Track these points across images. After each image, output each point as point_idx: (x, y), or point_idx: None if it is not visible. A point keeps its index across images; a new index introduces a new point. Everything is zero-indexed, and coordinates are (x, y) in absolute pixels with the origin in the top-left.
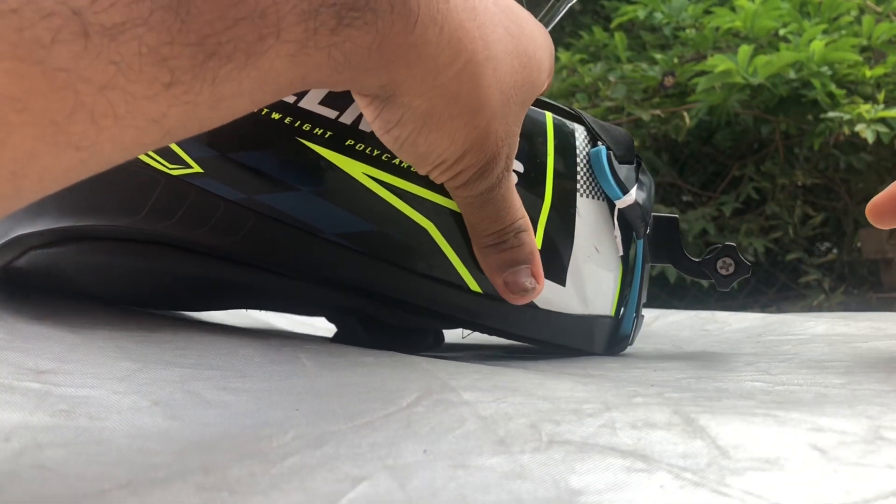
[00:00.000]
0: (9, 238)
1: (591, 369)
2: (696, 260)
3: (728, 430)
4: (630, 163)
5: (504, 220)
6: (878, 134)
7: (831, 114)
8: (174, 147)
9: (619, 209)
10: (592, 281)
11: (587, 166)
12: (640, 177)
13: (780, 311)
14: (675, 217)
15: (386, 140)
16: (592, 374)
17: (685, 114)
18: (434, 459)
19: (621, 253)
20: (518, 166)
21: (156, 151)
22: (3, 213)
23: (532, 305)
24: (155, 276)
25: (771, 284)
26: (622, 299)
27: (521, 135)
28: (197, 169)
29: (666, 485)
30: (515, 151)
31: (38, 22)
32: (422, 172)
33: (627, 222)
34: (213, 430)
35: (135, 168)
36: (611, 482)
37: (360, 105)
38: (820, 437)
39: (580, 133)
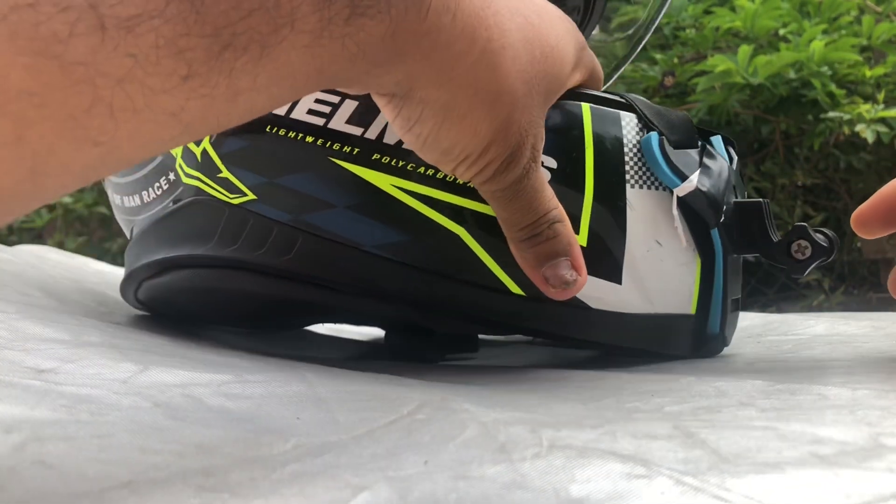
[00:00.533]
0: (128, 273)
1: (591, 374)
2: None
3: (728, 441)
4: (691, 147)
5: (536, 211)
6: (878, 134)
7: (831, 114)
8: (232, 178)
9: (678, 197)
10: (657, 277)
11: (638, 155)
12: (706, 161)
13: (780, 311)
14: (760, 201)
15: (408, 139)
16: (593, 377)
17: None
18: (435, 471)
19: (684, 244)
20: (550, 162)
21: (217, 183)
22: (24, 211)
23: (583, 306)
24: (230, 299)
25: (771, 284)
26: (704, 296)
27: (552, 129)
28: (251, 196)
29: (666, 491)
30: (542, 142)
31: (55, 16)
32: (447, 170)
33: (695, 211)
34: (214, 432)
35: (205, 199)
36: (611, 490)
37: (380, 105)
38: (820, 446)
39: (629, 121)
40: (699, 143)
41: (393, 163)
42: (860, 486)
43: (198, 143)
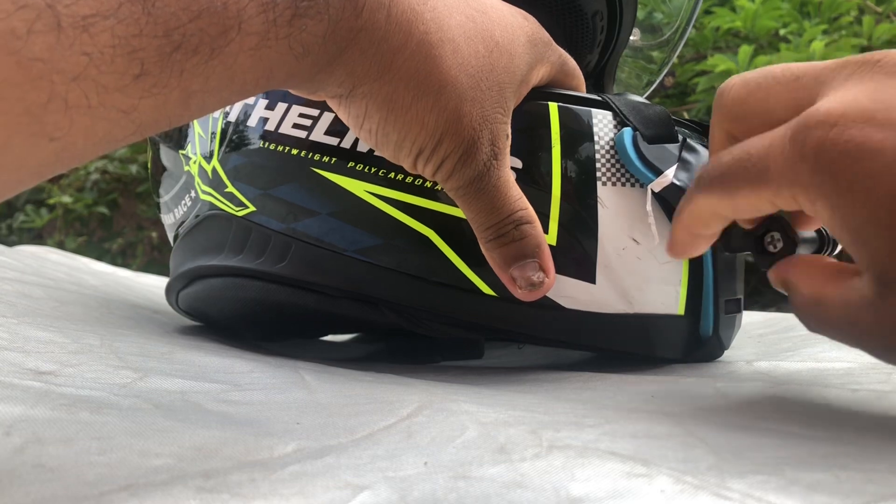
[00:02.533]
0: (168, 284)
1: (590, 375)
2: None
3: (728, 441)
4: (670, 141)
5: (500, 211)
6: None
7: None
8: (236, 192)
9: (654, 192)
10: (635, 276)
11: (611, 152)
12: (685, 155)
13: (780, 310)
14: None
15: (363, 137)
16: (592, 378)
17: (685, 114)
18: (435, 471)
19: (657, 241)
20: (516, 162)
21: (225, 197)
22: None
23: (556, 306)
24: (242, 307)
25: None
26: (692, 296)
27: (517, 129)
28: (252, 208)
29: (666, 489)
30: (502, 139)
31: (14, 13)
32: (408, 167)
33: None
34: (214, 434)
35: (218, 213)
36: (611, 489)
37: (333, 108)
38: (820, 446)
39: (602, 118)
40: (679, 137)
41: (366, 170)
42: (861, 485)
43: (209, 162)
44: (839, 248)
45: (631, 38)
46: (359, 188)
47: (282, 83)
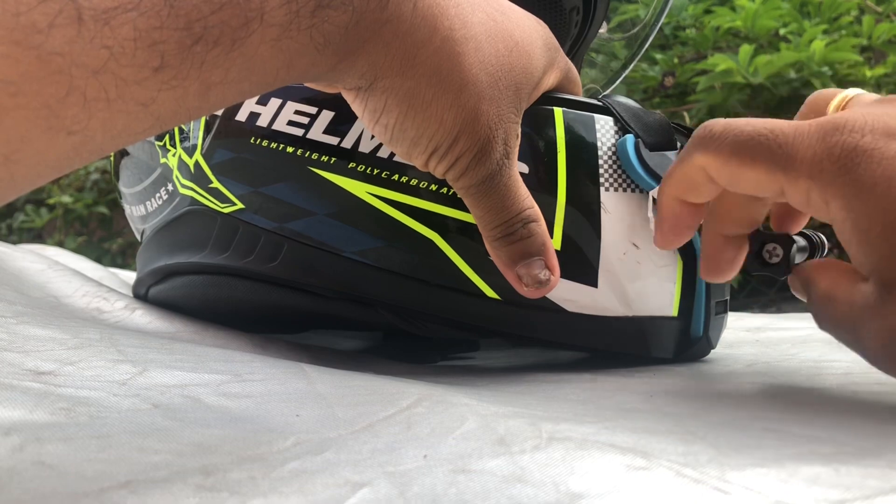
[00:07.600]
0: (137, 278)
1: (589, 375)
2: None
3: (727, 438)
4: (670, 148)
5: (510, 209)
6: None
7: None
8: (221, 188)
9: (653, 199)
10: (635, 279)
11: (613, 158)
12: None
13: (779, 311)
14: None
15: (377, 132)
16: (591, 379)
17: (685, 114)
18: (434, 465)
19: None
20: (522, 167)
21: (209, 193)
22: (1, 200)
23: (558, 309)
24: (224, 304)
25: (771, 284)
26: (686, 298)
27: (524, 133)
28: (240, 205)
29: (666, 483)
30: (514, 138)
31: (36, 7)
32: (420, 164)
33: None
34: (213, 431)
35: (200, 209)
36: (611, 483)
37: (349, 101)
38: (820, 445)
39: (604, 124)
40: (678, 144)
41: (368, 171)
42: (861, 479)
43: (191, 155)
44: (826, 251)
45: (599, 31)
46: (360, 189)
47: (302, 74)
